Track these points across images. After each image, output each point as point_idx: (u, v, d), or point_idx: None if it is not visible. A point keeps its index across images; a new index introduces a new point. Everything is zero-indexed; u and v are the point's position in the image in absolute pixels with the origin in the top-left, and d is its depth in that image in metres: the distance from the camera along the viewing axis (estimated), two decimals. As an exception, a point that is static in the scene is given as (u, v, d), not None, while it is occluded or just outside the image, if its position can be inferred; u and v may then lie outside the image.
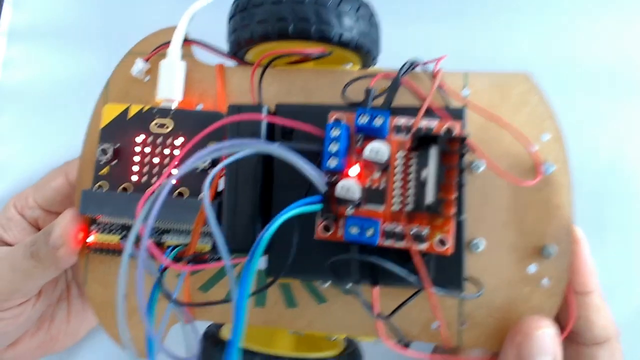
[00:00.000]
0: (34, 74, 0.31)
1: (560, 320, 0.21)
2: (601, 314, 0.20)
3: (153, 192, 0.15)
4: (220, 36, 0.23)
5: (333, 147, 0.17)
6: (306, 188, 0.18)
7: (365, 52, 0.21)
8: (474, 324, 0.20)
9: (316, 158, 0.17)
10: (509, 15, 0.29)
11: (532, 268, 0.20)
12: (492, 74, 0.21)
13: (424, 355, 0.19)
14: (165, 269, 0.17)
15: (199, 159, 0.14)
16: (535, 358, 0.18)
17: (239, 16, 0.21)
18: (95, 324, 0.28)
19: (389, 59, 0.24)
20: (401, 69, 0.18)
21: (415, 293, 0.19)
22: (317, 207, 0.16)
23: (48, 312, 0.26)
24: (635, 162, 0.28)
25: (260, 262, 0.17)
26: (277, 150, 0.15)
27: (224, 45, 0.23)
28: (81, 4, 0.31)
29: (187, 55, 0.22)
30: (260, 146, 0.15)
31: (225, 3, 0.22)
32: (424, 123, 0.17)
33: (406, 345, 0.20)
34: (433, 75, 0.20)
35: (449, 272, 0.18)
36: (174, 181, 0.15)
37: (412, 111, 0.18)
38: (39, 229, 0.26)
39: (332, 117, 0.18)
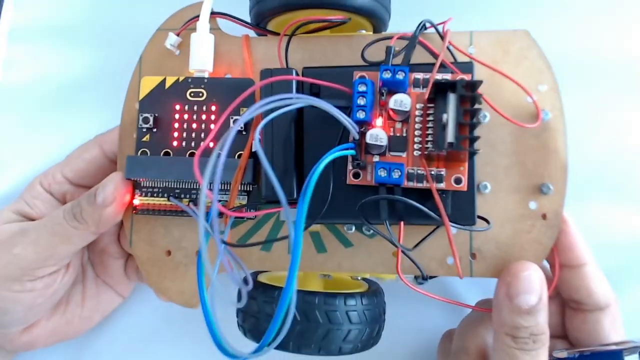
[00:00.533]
0: (34, 73, 0.31)
1: (561, 292, 0.24)
2: (599, 283, 0.23)
3: (204, 150, 0.17)
4: (235, 8, 0.24)
5: (361, 101, 0.19)
6: (332, 140, 0.20)
7: (377, 17, 0.23)
8: (482, 257, 0.23)
9: (342, 112, 0.20)
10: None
11: (533, 205, 0.22)
12: (494, 32, 0.23)
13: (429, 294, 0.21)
14: (221, 216, 0.19)
15: (258, 108, 0.16)
16: (521, 295, 0.20)
17: (261, -11, 0.23)
18: (109, 311, 0.28)
19: (397, 24, 0.26)
20: (417, 29, 0.21)
21: (434, 230, 0.22)
22: (351, 151, 0.19)
23: (64, 295, 0.26)
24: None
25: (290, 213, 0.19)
26: (320, 102, 0.17)
27: (243, 16, 0.24)
28: (81, 3, 0.31)
29: (213, 28, 0.24)
30: (306, 99, 0.17)
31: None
32: (439, 76, 0.20)
33: (424, 278, 0.23)
34: (442, 35, 0.22)
35: (463, 208, 0.21)
36: (238, 128, 0.16)
37: (426, 67, 0.20)
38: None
39: (357, 75, 0.20)
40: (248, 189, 0.23)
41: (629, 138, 0.28)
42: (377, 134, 0.19)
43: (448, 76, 0.20)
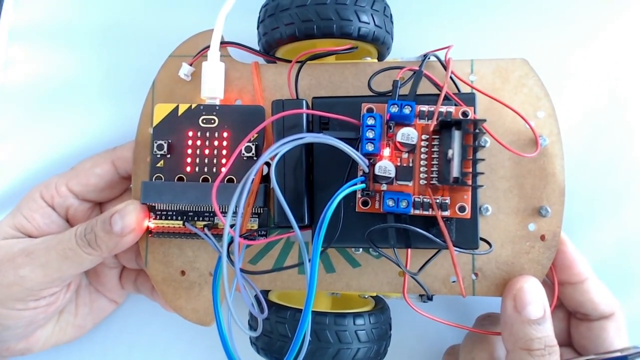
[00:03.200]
0: (34, 73, 0.30)
1: (566, 306, 0.25)
2: (602, 294, 0.23)
3: (223, 178, 0.18)
4: (244, 35, 0.25)
5: (370, 134, 0.20)
6: (341, 169, 0.21)
7: (381, 43, 0.24)
8: (484, 276, 0.24)
9: (351, 143, 0.21)
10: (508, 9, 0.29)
11: (532, 226, 0.23)
12: (494, 60, 0.24)
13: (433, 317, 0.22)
14: (230, 243, 0.20)
15: (276, 149, 0.17)
16: (529, 306, 0.21)
17: (268, 20, 0.24)
18: (102, 318, 0.29)
19: (400, 48, 0.27)
20: (422, 62, 0.21)
21: (437, 252, 0.23)
22: (361, 185, 0.20)
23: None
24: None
25: (299, 236, 0.20)
26: (333, 141, 0.18)
27: (252, 42, 0.25)
28: (81, 4, 0.31)
29: (224, 55, 0.25)
30: (320, 138, 0.18)
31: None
32: (443, 108, 0.21)
33: (429, 298, 0.24)
34: (444, 64, 0.23)
35: (466, 234, 0.22)
36: (259, 166, 0.17)
37: (431, 98, 0.21)
38: (67, 220, 0.26)
39: (365, 107, 0.21)
40: (259, 211, 0.24)
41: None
42: (386, 166, 0.20)
43: (452, 108, 0.21)
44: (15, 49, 0.31)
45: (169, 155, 0.24)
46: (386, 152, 0.20)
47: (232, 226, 0.23)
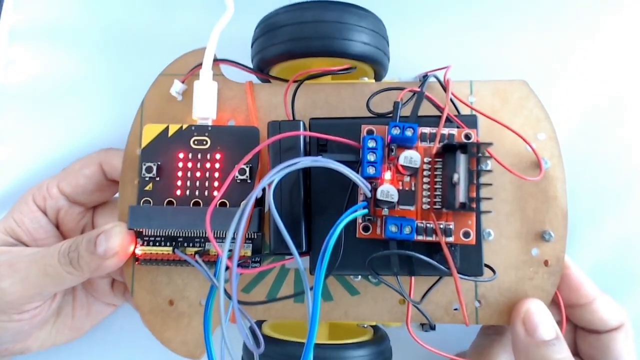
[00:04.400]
0: (34, 73, 0.30)
1: (575, 323, 0.24)
2: (610, 310, 0.23)
3: (217, 202, 0.17)
4: (236, 54, 0.24)
5: (371, 157, 0.19)
6: (339, 193, 0.20)
7: (378, 63, 0.24)
8: (487, 303, 0.23)
9: (351, 166, 0.20)
10: (509, 24, 0.30)
11: (535, 251, 0.23)
12: (493, 82, 0.24)
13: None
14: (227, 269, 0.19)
15: (275, 174, 0.16)
16: (540, 327, 0.21)
17: (265, 37, 0.23)
18: (100, 320, 0.28)
19: (396, 69, 0.26)
20: (422, 84, 0.21)
21: (439, 279, 0.22)
22: (363, 212, 0.19)
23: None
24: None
25: (296, 263, 0.19)
26: (334, 164, 0.17)
27: (245, 62, 0.24)
28: (81, 4, 0.31)
29: (217, 74, 0.24)
30: (321, 162, 0.17)
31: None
32: (445, 131, 0.20)
33: (432, 328, 0.23)
34: (444, 85, 0.22)
35: (471, 260, 0.21)
36: (257, 194, 0.16)
37: (431, 120, 0.21)
38: (57, 224, 0.26)
39: (365, 129, 0.20)
40: (253, 237, 0.23)
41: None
42: (389, 191, 0.19)
43: (454, 130, 0.20)
44: (15, 49, 0.31)
45: (158, 178, 0.23)
46: (387, 175, 0.20)
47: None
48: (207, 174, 0.23)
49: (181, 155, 0.23)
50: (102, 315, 0.28)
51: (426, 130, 0.20)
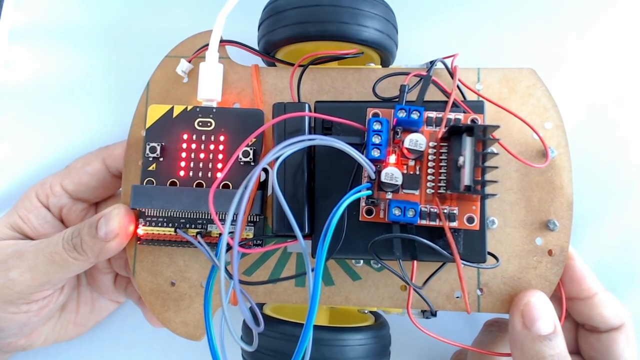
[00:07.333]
0: (34, 73, 0.31)
1: (575, 319, 0.24)
2: (610, 307, 0.23)
3: (220, 183, 0.17)
4: (243, 36, 0.24)
5: (376, 139, 0.19)
6: (343, 176, 0.20)
7: (385, 49, 0.24)
8: (490, 292, 0.23)
9: (356, 149, 0.20)
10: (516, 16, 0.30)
11: (539, 240, 0.23)
12: (501, 69, 0.23)
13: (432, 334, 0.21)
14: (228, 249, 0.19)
15: (279, 150, 0.16)
16: (538, 321, 0.21)
17: (272, 19, 0.23)
18: (104, 317, 0.28)
19: (404, 56, 0.26)
20: (429, 68, 0.21)
21: (441, 266, 0.22)
22: (367, 192, 0.18)
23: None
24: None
25: (298, 245, 0.19)
26: (339, 144, 0.17)
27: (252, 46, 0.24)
28: (81, 4, 0.31)
29: (222, 56, 0.24)
30: (326, 141, 0.17)
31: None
32: (452, 115, 0.20)
33: (433, 314, 0.23)
34: (451, 71, 0.22)
35: (474, 246, 0.21)
36: (259, 171, 0.16)
37: (438, 104, 0.20)
38: (61, 220, 0.26)
39: (371, 112, 0.20)
40: (255, 219, 0.23)
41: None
42: (393, 173, 0.19)
43: (460, 115, 0.20)
44: (15, 49, 0.31)
45: (161, 159, 0.23)
46: (392, 159, 0.20)
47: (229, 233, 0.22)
48: (211, 156, 0.22)
49: (185, 137, 0.23)
50: (106, 312, 0.28)
51: (432, 114, 0.20)
